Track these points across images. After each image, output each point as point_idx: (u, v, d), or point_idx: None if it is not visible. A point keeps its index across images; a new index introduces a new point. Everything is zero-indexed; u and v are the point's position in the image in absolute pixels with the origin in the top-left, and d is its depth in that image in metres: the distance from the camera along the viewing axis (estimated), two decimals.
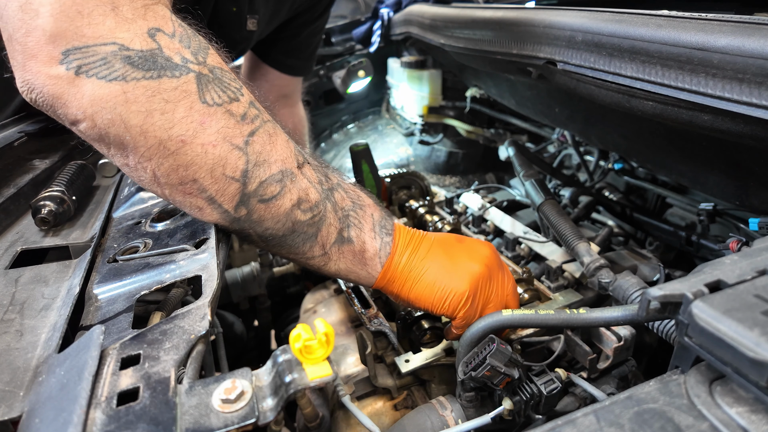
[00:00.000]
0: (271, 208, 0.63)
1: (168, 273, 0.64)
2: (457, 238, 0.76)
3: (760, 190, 0.85)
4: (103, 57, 0.52)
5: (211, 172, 0.58)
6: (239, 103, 0.60)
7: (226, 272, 1.40)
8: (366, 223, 0.72)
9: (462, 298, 0.69)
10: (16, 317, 0.57)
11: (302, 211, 0.65)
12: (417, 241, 0.74)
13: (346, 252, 0.70)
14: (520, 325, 0.66)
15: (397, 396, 0.85)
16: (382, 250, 0.72)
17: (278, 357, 0.49)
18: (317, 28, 1.58)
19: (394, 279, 0.72)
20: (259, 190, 0.61)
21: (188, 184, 0.59)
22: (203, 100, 0.57)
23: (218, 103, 0.58)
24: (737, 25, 0.68)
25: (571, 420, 0.41)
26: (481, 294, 0.71)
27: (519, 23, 1.10)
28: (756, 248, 0.53)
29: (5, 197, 0.79)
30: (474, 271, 0.70)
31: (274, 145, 0.63)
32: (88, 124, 0.54)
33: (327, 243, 0.69)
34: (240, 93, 0.61)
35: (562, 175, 1.54)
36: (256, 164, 0.60)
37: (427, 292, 0.70)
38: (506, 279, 0.76)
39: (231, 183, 0.59)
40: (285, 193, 0.63)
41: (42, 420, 0.42)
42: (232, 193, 0.60)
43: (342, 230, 0.69)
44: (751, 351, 0.36)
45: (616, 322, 0.56)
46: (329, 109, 2.61)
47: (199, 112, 0.56)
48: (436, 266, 0.70)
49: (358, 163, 1.20)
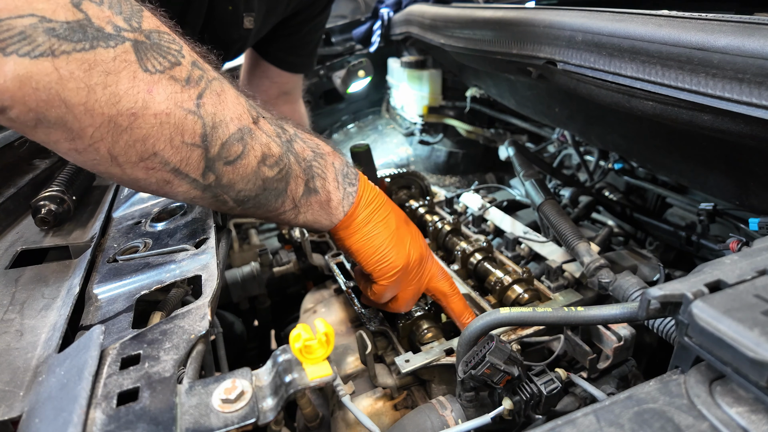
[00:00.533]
0: (238, 168, 0.61)
1: (168, 273, 0.64)
2: (405, 219, 0.85)
3: (760, 190, 0.85)
4: (21, 31, 0.46)
5: (170, 141, 0.55)
6: (181, 66, 0.57)
7: (226, 272, 1.40)
8: (329, 173, 0.74)
9: (393, 269, 0.78)
10: (16, 317, 0.57)
11: (268, 167, 0.65)
12: (378, 202, 0.79)
13: (314, 203, 0.72)
14: (519, 323, 0.66)
15: (397, 396, 0.85)
16: (345, 200, 0.75)
17: (278, 357, 0.49)
18: (317, 24, 1.57)
19: (347, 227, 0.77)
20: (222, 152, 0.59)
21: (149, 159, 0.55)
22: (145, 68, 0.53)
23: (160, 69, 0.54)
24: (737, 25, 0.68)
25: (571, 420, 0.41)
26: (406, 275, 0.80)
27: (519, 23, 1.10)
28: (756, 248, 0.53)
29: (5, 197, 0.79)
30: (411, 256, 0.80)
31: (225, 103, 0.61)
32: (20, 109, 0.49)
33: (296, 196, 0.70)
34: (180, 55, 0.57)
35: (562, 175, 1.54)
36: (213, 126, 0.58)
37: (371, 251, 0.77)
38: (431, 269, 0.85)
39: (193, 150, 0.57)
40: (248, 151, 0.62)
41: (42, 420, 0.42)
42: (197, 159, 0.58)
43: (308, 181, 0.71)
44: (751, 351, 0.36)
45: (614, 320, 0.56)
46: (329, 109, 2.61)
47: (144, 81, 0.52)
48: (387, 233, 0.78)
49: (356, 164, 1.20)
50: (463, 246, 1.06)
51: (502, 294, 0.94)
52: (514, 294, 0.93)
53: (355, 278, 0.91)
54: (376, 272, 0.78)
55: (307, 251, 1.28)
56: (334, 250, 1.20)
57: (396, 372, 0.84)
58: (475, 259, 1.04)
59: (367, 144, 1.15)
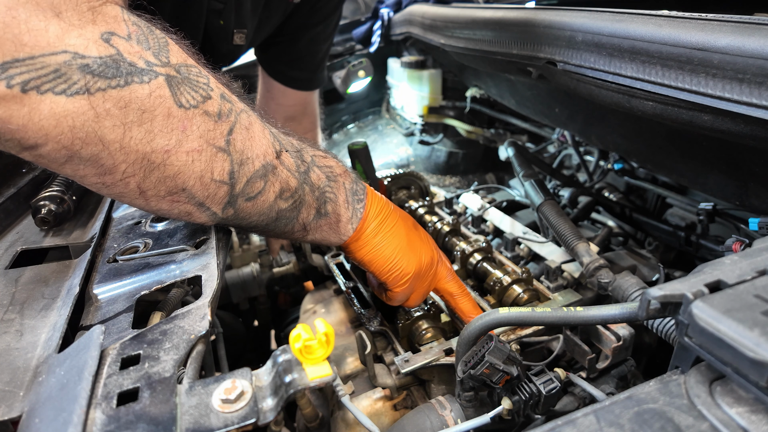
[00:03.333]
0: (256, 204, 0.63)
1: (168, 273, 0.64)
2: (414, 224, 0.85)
3: (759, 190, 0.85)
4: (56, 69, 0.44)
5: (200, 179, 0.56)
6: (212, 100, 0.56)
7: (226, 273, 1.40)
8: (340, 195, 0.75)
9: (405, 277, 0.79)
10: (16, 317, 0.57)
11: (284, 200, 0.66)
12: (386, 213, 0.80)
13: (323, 225, 0.74)
14: (518, 323, 0.66)
15: (397, 396, 0.85)
16: (353, 217, 0.76)
17: (278, 357, 0.49)
18: (319, 35, 1.47)
19: (357, 240, 0.77)
20: (245, 189, 0.60)
21: (177, 194, 0.56)
22: (179, 104, 0.52)
23: (194, 105, 0.54)
24: (737, 25, 0.68)
25: (571, 420, 0.41)
26: (419, 278, 0.81)
27: (519, 23, 1.10)
28: (756, 248, 0.53)
29: (5, 197, 0.79)
30: (421, 261, 0.80)
31: (253, 138, 0.61)
32: (52, 147, 0.48)
33: (306, 221, 0.71)
34: (210, 88, 0.57)
35: (561, 176, 1.54)
36: (240, 163, 0.59)
37: (381, 261, 0.78)
38: (441, 270, 0.86)
39: (220, 187, 0.58)
40: (268, 188, 0.63)
41: (42, 420, 0.42)
42: (222, 196, 0.59)
43: (319, 207, 0.71)
44: (751, 351, 0.36)
45: (613, 320, 0.56)
46: (329, 109, 2.60)
47: (178, 118, 0.52)
48: (396, 242, 0.78)
49: (354, 163, 1.20)
50: (462, 246, 1.06)
51: (502, 294, 0.94)
52: (514, 294, 0.93)
53: (369, 284, 0.91)
54: (389, 281, 0.79)
55: (306, 252, 1.28)
56: (334, 250, 1.20)
57: (395, 372, 0.84)
58: (475, 259, 1.04)
59: (364, 142, 1.15)
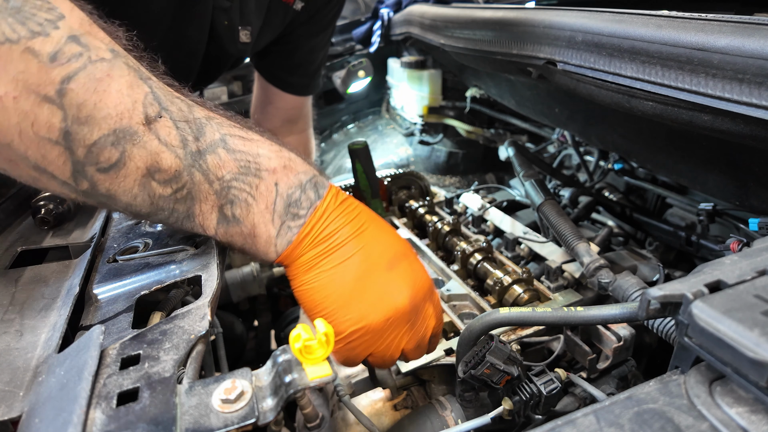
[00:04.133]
0: (115, 179, 0.50)
1: (168, 273, 0.63)
2: (390, 263, 0.61)
3: (759, 190, 0.85)
4: None
5: (19, 133, 0.45)
6: (47, 38, 0.45)
7: (226, 272, 1.40)
8: (260, 198, 0.57)
9: (339, 335, 0.58)
10: (16, 317, 0.57)
11: (159, 183, 0.52)
12: (340, 238, 0.59)
13: (235, 234, 0.58)
14: (519, 324, 0.66)
15: (397, 396, 0.85)
16: (279, 237, 0.58)
17: (278, 357, 0.49)
18: (319, 44, 1.52)
19: (289, 266, 0.60)
20: (90, 156, 0.48)
21: (5, 150, 0.46)
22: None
23: (13, 38, 0.43)
24: (737, 25, 0.68)
25: (571, 420, 0.41)
26: (364, 343, 0.60)
27: (519, 23, 1.10)
28: (756, 248, 0.53)
29: (5, 197, 0.79)
30: (367, 321, 0.58)
31: (106, 92, 0.47)
32: None
33: (208, 225, 0.57)
34: (53, 25, 0.45)
35: (561, 176, 1.55)
36: (78, 121, 0.46)
37: (309, 304, 0.60)
38: (417, 330, 0.64)
39: (51, 147, 0.47)
40: (127, 161, 0.50)
41: (42, 420, 0.42)
42: (59, 160, 0.47)
43: (223, 207, 0.56)
44: (751, 351, 0.36)
45: (614, 320, 0.56)
46: (329, 109, 2.61)
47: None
48: (333, 288, 0.58)
49: (354, 162, 1.20)
50: (462, 246, 1.06)
51: (502, 294, 0.94)
52: (514, 294, 0.93)
53: None
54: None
55: None
56: None
57: (396, 372, 0.84)
58: (475, 259, 1.04)
59: (364, 141, 1.15)
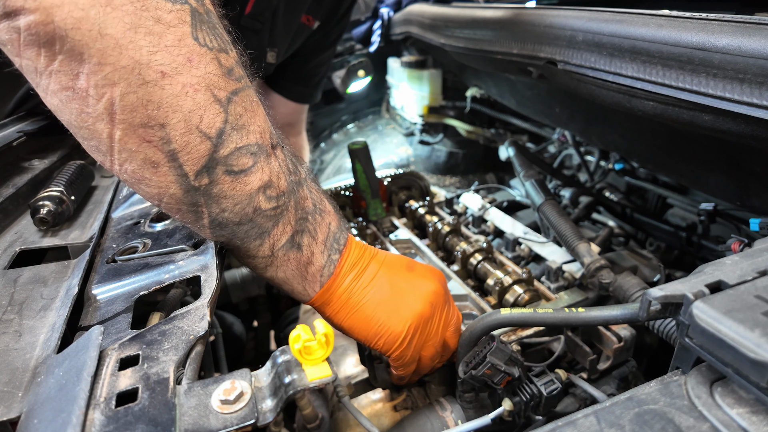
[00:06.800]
0: (236, 183, 0.54)
1: (167, 273, 0.63)
2: (408, 265, 0.71)
3: (760, 190, 0.85)
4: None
5: (185, 120, 0.48)
6: (228, 55, 0.52)
7: (226, 273, 1.40)
8: (320, 233, 0.65)
9: (398, 339, 0.65)
10: (14, 318, 0.57)
11: (266, 198, 0.57)
12: (364, 263, 0.68)
13: (292, 260, 0.63)
14: (520, 324, 0.66)
15: (397, 397, 0.84)
16: (326, 268, 0.65)
17: (278, 358, 0.49)
18: (326, 57, 1.62)
19: (330, 302, 0.66)
20: (230, 158, 0.52)
21: (153, 129, 0.48)
22: (195, 36, 0.48)
23: (209, 46, 0.50)
24: (738, 25, 0.68)
25: (572, 421, 0.41)
26: (420, 334, 0.67)
27: (519, 23, 1.10)
28: (757, 249, 0.53)
29: (4, 197, 0.79)
30: (416, 311, 0.66)
31: (255, 113, 0.55)
32: (39, 18, 0.41)
33: (277, 244, 0.61)
34: (230, 47, 0.53)
35: (562, 176, 1.54)
36: (234, 127, 0.52)
37: (363, 325, 0.66)
38: (450, 315, 0.72)
39: (203, 140, 0.50)
40: (256, 170, 0.55)
41: (41, 421, 0.42)
42: (201, 153, 0.50)
43: (295, 234, 0.62)
44: (751, 352, 0.36)
45: (615, 321, 0.56)
46: (329, 109, 2.61)
47: (188, 47, 0.48)
48: (378, 298, 0.66)
49: (354, 162, 1.20)
50: (463, 246, 1.06)
51: (502, 295, 0.94)
52: (514, 294, 0.93)
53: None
54: (380, 347, 0.67)
55: None
56: None
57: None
58: (475, 259, 1.03)
59: (364, 141, 1.15)
